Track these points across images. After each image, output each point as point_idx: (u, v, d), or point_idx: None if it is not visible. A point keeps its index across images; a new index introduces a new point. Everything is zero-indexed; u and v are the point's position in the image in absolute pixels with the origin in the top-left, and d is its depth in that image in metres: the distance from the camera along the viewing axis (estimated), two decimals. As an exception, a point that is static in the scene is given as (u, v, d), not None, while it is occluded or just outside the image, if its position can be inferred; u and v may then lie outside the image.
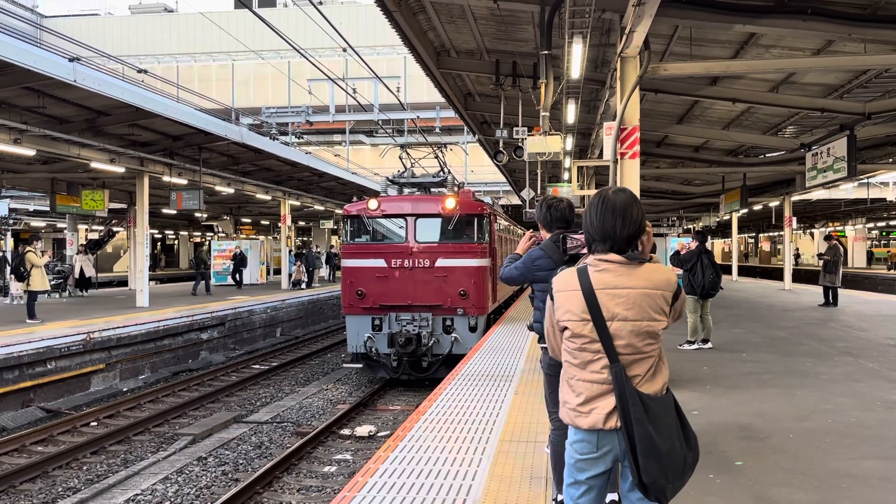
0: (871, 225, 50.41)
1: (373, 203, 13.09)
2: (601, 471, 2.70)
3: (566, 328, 2.74)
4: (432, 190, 15.17)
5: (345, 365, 14.39)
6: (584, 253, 3.41)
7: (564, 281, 2.78)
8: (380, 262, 12.92)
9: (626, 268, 2.70)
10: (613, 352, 2.64)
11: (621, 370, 2.62)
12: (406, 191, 15.14)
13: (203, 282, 25.17)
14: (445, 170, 15.76)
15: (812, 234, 56.21)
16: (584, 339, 2.68)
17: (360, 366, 13.62)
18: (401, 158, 15.76)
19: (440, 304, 12.80)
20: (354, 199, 13.78)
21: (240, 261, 29.11)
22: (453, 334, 12.86)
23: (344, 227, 13.70)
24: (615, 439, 2.64)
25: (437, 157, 16.06)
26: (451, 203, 12.84)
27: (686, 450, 2.65)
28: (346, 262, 13.45)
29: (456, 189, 14.16)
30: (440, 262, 12.81)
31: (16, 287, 19.81)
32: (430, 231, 13.06)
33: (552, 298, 2.82)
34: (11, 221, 34.43)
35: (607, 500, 4.40)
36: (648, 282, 2.70)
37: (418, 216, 13.04)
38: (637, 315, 2.65)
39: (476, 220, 13.14)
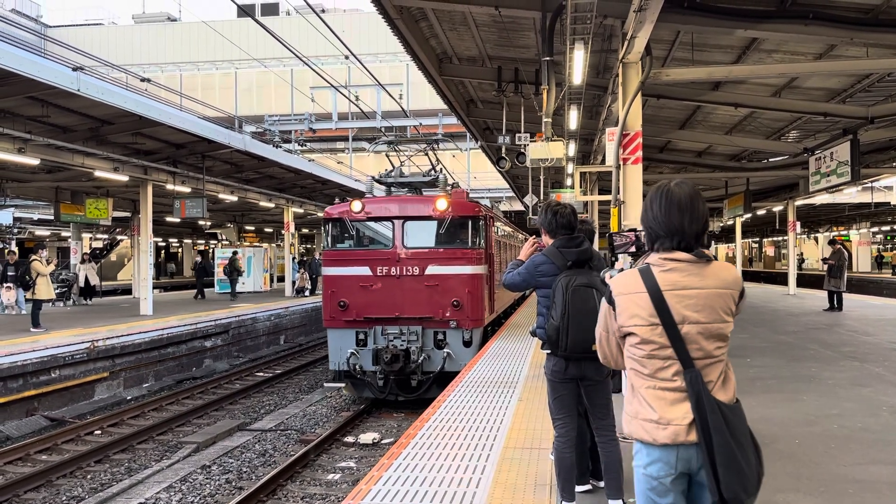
0: (875, 229, 50.28)
1: (356, 205, 11.89)
2: (679, 490, 2.48)
3: (631, 334, 2.53)
4: (423, 191, 14.00)
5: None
6: (634, 252, 3.33)
7: (626, 283, 2.56)
8: (364, 270, 11.78)
9: (695, 266, 2.51)
10: (687, 357, 2.45)
11: (697, 376, 2.43)
12: (394, 191, 13.92)
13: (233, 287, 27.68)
14: (437, 168, 14.52)
15: (816, 239, 56.08)
16: (654, 345, 2.48)
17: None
18: (388, 156, 14.73)
19: (431, 317, 11.62)
20: (337, 200, 12.72)
21: (203, 268, 29.56)
22: (446, 349, 11.61)
23: (325, 232, 12.52)
24: (694, 455, 2.42)
25: (427, 154, 14.84)
26: (442, 204, 11.67)
27: (757, 463, 2.46)
28: (328, 271, 12.27)
29: (449, 189, 13.05)
30: (431, 270, 11.64)
31: (7, 297, 19.75)
32: (419, 235, 11.91)
33: (610, 302, 2.60)
34: (16, 230, 34.53)
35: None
36: (719, 281, 2.52)
37: (406, 219, 11.86)
38: (708, 317, 2.47)
39: (470, 222, 11.99)
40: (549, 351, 4.42)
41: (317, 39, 23.96)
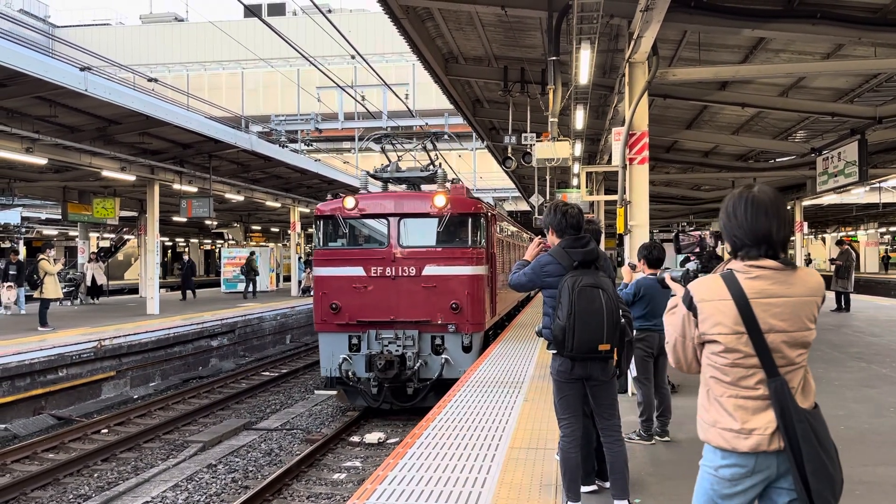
0: (883, 229, 50.05)
1: (349, 201, 11.32)
2: (751, 496, 2.44)
3: (713, 342, 2.45)
4: (421, 187, 13.47)
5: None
6: (698, 252, 3.29)
7: (710, 289, 2.47)
8: (357, 271, 11.19)
9: (782, 274, 2.43)
10: (773, 365, 2.39)
11: (784, 385, 2.37)
12: (391, 188, 13.45)
13: (251, 286, 27.42)
14: (437, 163, 13.74)
15: (824, 239, 55.89)
16: (739, 353, 2.41)
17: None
18: (383, 150, 13.78)
19: (428, 320, 11.03)
20: (329, 197, 12.15)
21: (190, 268, 27.93)
22: (444, 355, 11.03)
23: (316, 230, 11.85)
24: (774, 462, 2.39)
25: (425, 148, 13.91)
26: (440, 201, 11.09)
27: (839, 470, 2.43)
28: (319, 271, 11.64)
29: (448, 185, 12.46)
30: (428, 271, 11.07)
31: (7, 296, 19.79)
32: (416, 234, 11.38)
33: (691, 308, 2.50)
34: (24, 230, 34.69)
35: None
36: (806, 288, 2.45)
37: (402, 216, 11.30)
38: (793, 325, 2.42)
39: (471, 220, 11.42)
40: (554, 351, 4.41)
41: (323, 39, 24.02)
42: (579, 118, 12.37)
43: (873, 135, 14.51)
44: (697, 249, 14.14)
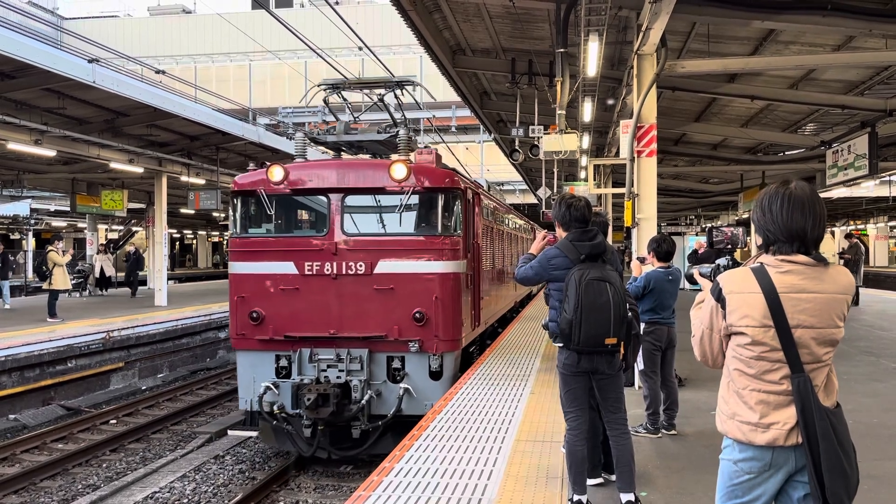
0: (893, 223, 49.73)
1: (276, 171, 8.49)
2: (772, 490, 2.45)
3: (740, 334, 2.45)
4: (378, 155, 10.56)
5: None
6: (729, 248, 3.29)
7: (739, 281, 2.46)
8: (286, 267, 8.51)
9: (814, 270, 2.42)
10: (798, 361, 2.39)
11: (807, 381, 2.38)
12: (339, 154, 10.47)
13: None
14: (402, 122, 10.17)
15: (833, 233, 55.57)
16: (765, 347, 2.41)
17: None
18: (326, 103, 10.23)
19: (382, 336, 8.28)
20: (251, 166, 9.51)
21: (134, 262, 25.88)
22: (404, 384, 8.28)
23: (232, 211, 9.00)
24: (792, 456, 2.40)
25: (385, 106, 10.13)
26: (400, 171, 8.23)
27: (856, 470, 2.43)
28: (236, 267, 8.79)
29: (414, 152, 9.31)
30: (383, 267, 8.33)
31: None
32: (367, 216, 8.74)
33: (719, 300, 2.49)
34: (33, 221, 34.89)
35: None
36: (837, 286, 2.45)
37: (348, 192, 8.51)
38: (822, 322, 2.42)
39: (443, 198, 8.55)
40: (561, 344, 4.40)
41: (331, 31, 23.96)
42: (587, 110, 12.32)
43: (884, 127, 14.40)
44: (729, 246, 14.03)
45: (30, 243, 36.30)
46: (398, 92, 9.87)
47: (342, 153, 10.32)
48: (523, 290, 17.98)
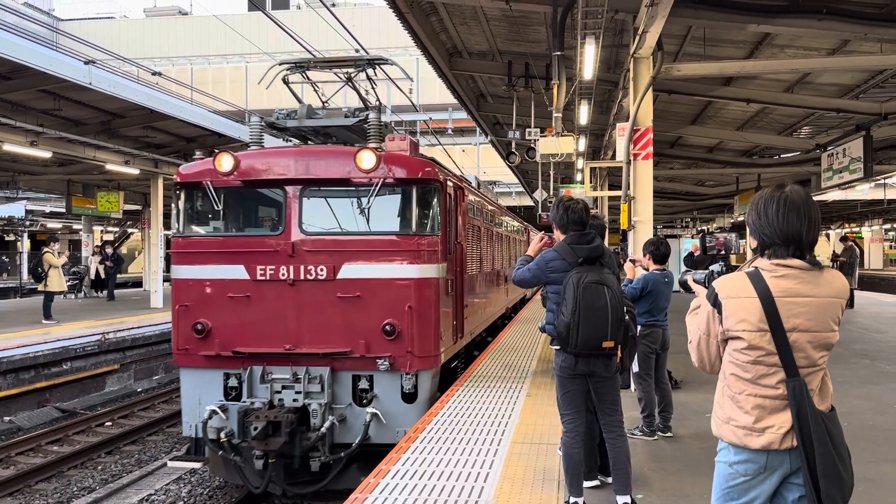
0: (888, 226, 49.93)
1: (225, 160, 7.43)
2: (767, 492, 2.46)
3: (737, 338, 2.46)
4: (348, 144, 9.05)
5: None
6: (723, 254, 3.30)
7: (735, 286, 2.47)
8: (236, 272, 7.44)
9: (809, 274, 2.43)
10: (793, 365, 2.39)
11: (802, 385, 2.39)
12: (305, 142, 9.23)
13: None
14: (375, 108, 8.38)
15: (828, 236, 55.79)
16: (761, 351, 2.42)
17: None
18: (287, 84, 9.02)
19: (347, 351, 7.22)
20: (198, 154, 8.25)
21: (115, 265, 24.31)
22: (372, 408, 7.18)
23: (175, 206, 8.01)
24: (787, 459, 2.41)
25: (355, 87, 8.99)
26: (368, 159, 7.18)
27: (850, 473, 2.44)
28: (179, 271, 7.73)
29: (383, 142, 7.96)
30: (348, 272, 7.29)
31: None
32: (329, 212, 7.61)
33: (716, 305, 2.49)
34: (28, 223, 34.80)
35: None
36: (832, 289, 2.46)
37: (308, 183, 7.47)
38: (818, 325, 2.43)
39: (419, 191, 7.53)
40: (558, 347, 4.41)
41: (327, 33, 23.98)
42: (583, 113, 12.35)
43: (879, 131, 14.47)
44: (723, 252, 14.11)
45: (25, 245, 36.20)
46: (370, 72, 8.69)
47: (308, 139, 9.08)
48: (515, 295, 17.54)
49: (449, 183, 8.28)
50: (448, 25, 12.10)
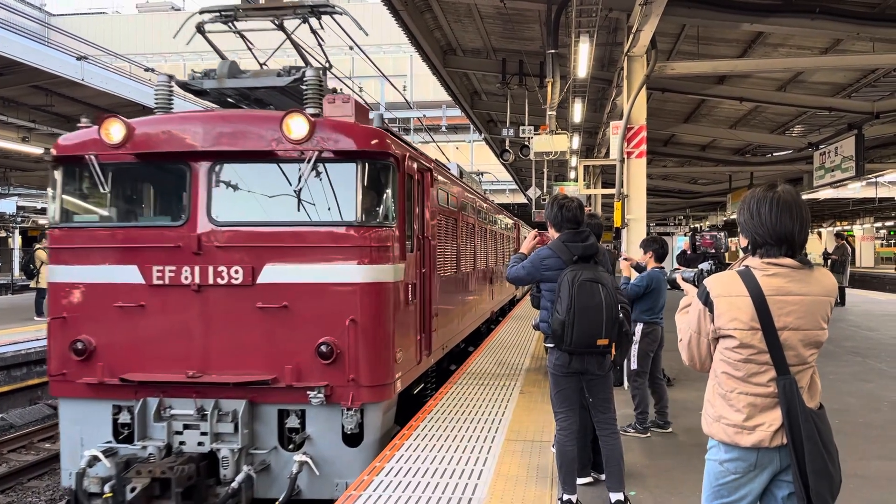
0: (879, 224, 50.19)
1: (114, 129, 5.85)
2: (757, 489, 2.47)
3: (728, 337, 2.47)
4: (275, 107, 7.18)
5: None
6: (712, 253, 3.32)
7: (727, 285, 2.48)
8: (126, 273, 5.86)
9: (799, 272, 2.45)
10: (784, 363, 2.41)
11: (793, 383, 2.40)
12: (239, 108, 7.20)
13: None
14: (321, 69, 6.64)
15: (819, 234, 56.06)
16: (752, 349, 2.43)
17: None
18: (201, 32, 7.32)
19: (270, 379, 5.63)
20: (84, 121, 6.37)
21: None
22: (302, 453, 5.61)
23: (52, 188, 6.33)
24: (777, 456, 2.43)
25: (281, 27, 7.27)
26: (299, 126, 5.64)
27: (838, 470, 2.47)
28: (55, 273, 6.12)
29: (321, 112, 6.12)
30: (271, 274, 5.72)
31: None
32: (248, 196, 5.98)
33: (707, 304, 2.50)
34: (20, 219, 34.62)
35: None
36: (822, 288, 2.48)
37: (220, 159, 5.87)
38: (808, 324, 2.44)
39: (366, 168, 5.86)
40: (552, 345, 4.43)
41: (321, 30, 23.92)
42: (577, 111, 12.36)
43: (870, 130, 14.54)
44: (713, 250, 14.17)
45: (16, 241, 36.01)
46: (314, 23, 7.18)
47: (240, 105, 7.13)
48: (503, 297, 16.84)
49: (411, 162, 6.71)
50: (442, 22, 12.09)
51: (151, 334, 5.81)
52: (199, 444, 5.62)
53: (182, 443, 5.65)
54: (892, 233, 53.78)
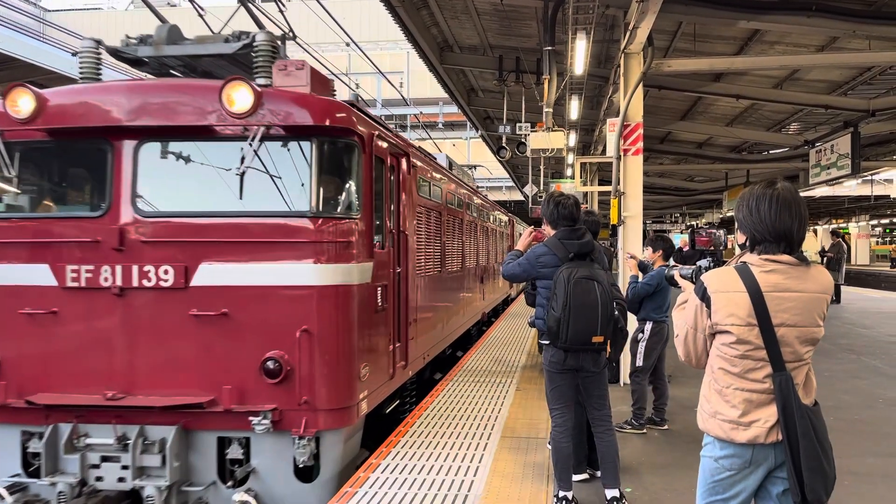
0: (874, 222, 50.33)
1: (23, 101, 4.98)
2: (752, 486, 2.49)
3: (725, 332, 2.48)
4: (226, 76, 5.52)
5: None
6: (711, 251, 3.33)
7: (724, 281, 2.49)
8: (35, 274, 5.02)
9: (797, 270, 2.46)
10: (780, 360, 2.42)
11: (788, 380, 2.41)
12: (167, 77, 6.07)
13: None
14: (280, 39, 5.77)
15: (815, 231, 56.20)
16: (749, 345, 2.44)
17: None
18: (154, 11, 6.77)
19: (205, 402, 4.77)
20: None
21: None
22: (245, 490, 4.79)
23: None
24: (772, 453, 2.45)
25: (246, 5, 7.06)
26: (243, 97, 4.76)
27: (833, 467, 2.48)
28: None
29: (270, 77, 5.25)
30: (208, 275, 4.87)
31: None
32: (181, 181, 5.12)
33: (704, 300, 2.51)
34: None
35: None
36: (818, 285, 2.49)
37: (147, 135, 5.00)
38: (805, 320, 2.45)
39: (323, 147, 4.99)
40: (547, 342, 4.43)
41: (317, 26, 23.87)
42: (574, 108, 12.36)
43: (866, 127, 14.57)
44: (711, 248, 14.22)
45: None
46: None
47: (170, 74, 5.99)
48: (497, 296, 16.36)
49: (381, 142, 5.78)
50: (439, 19, 12.07)
51: (65, 347, 4.93)
52: (120, 479, 4.73)
53: (99, 478, 4.75)
54: (887, 230, 53.97)
